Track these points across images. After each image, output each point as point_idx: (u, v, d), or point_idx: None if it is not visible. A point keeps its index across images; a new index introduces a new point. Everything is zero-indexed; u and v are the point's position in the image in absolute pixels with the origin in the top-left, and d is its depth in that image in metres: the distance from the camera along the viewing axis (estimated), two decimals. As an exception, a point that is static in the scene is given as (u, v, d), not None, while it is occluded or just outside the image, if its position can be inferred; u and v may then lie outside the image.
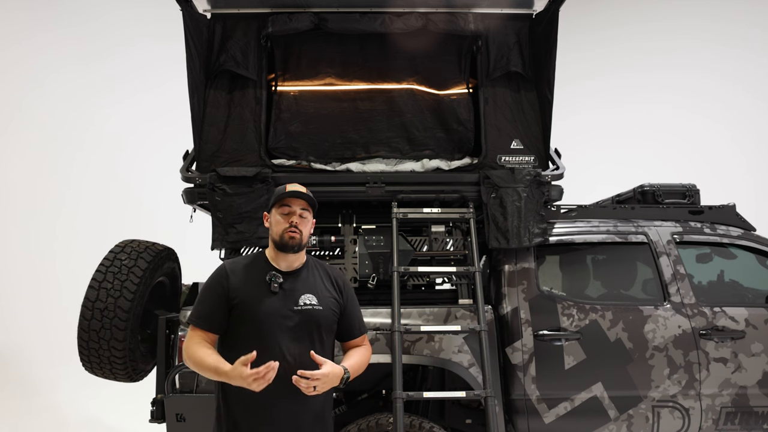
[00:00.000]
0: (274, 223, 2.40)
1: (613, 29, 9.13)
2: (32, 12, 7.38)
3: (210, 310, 2.31)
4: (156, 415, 3.24)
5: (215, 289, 2.33)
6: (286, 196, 2.40)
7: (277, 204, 2.42)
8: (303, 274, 2.43)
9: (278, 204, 2.41)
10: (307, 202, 2.44)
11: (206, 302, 2.33)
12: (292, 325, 2.28)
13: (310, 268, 2.47)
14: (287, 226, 2.36)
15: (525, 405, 3.33)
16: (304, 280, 2.41)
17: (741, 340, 3.41)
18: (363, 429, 3.13)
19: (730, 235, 3.72)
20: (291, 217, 2.38)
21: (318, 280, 2.45)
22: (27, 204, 7.17)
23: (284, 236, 2.36)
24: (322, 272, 2.51)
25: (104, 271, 3.34)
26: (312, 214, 2.48)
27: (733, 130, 8.35)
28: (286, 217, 2.39)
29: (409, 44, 3.63)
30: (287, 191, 2.42)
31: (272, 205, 2.44)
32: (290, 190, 2.42)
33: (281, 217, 2.39)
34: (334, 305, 2.43)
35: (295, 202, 2.41)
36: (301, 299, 2.35)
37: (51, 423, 6.15)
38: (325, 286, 2.45)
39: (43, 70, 7.43)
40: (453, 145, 3.66)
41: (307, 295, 2.37)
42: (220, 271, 2.39)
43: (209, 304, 2.32)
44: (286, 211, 2.40)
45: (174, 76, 4.70)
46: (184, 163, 3.59)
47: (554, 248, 3.68)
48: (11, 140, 7.11)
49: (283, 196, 2.41)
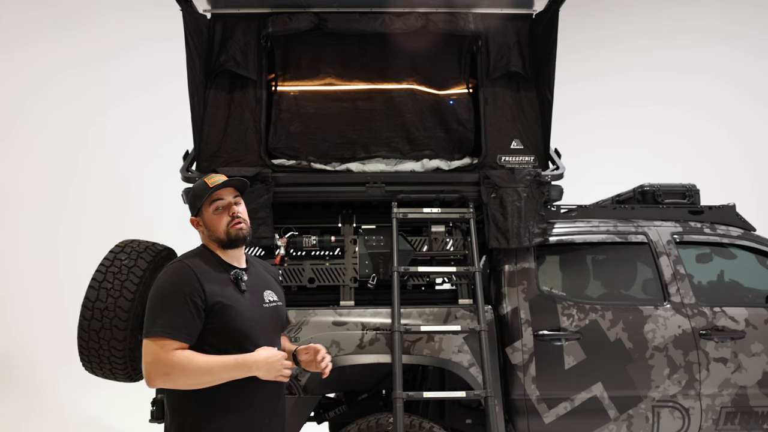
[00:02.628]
0: (211, 222, 2.20)
1: (613, 29, 9.13)
2: (32, 15, 7.38)
3: (188, 319, 2.01)
4: (156, 415, 3.24)
5: (191, 295, 2.03)
6: (215, 189, 2.19)
7: (206, 202, 2.20)
8: (252, 270, 2.29)
9: (207, 201, 2.20)
10: (236, 187, 2.26)
11: (180, 309, 2.01)
12: (265, 323, 2.20)
13: (252, 264, 2.33)
14: (230, 220, 2.19)
15: (525, 405, 3.33)
16: (257, 275, 2.29)
17: (741, 340, 3.41)
18: (363, 429, 3.13)
19: (730, 235, 3.72)
20: (228, 209, 2.20)
21: (265, 273, 2.37)
22: (29, 206, 7.16)
23: (230, 231, 2.18)
24: (262, 266, 2.41)
25: (104, 271, 3.34)
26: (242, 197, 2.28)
27: (733, 131, 8.35)
28: (223, 211, 2.20)
29: (409, 44, 3.63)
30: (213, 185, 2.19)
31: (201, 204, 2.21)
32: (216, 183, 2.20)
33: (217, 213, 2.20)
34: (283, 298, 2.38)
35: (225, 192, 2.22)
36: (264, 296, 2.25)
37: (52, 424, 6.15)
38: (273, 280, 2.39)
39: (44, 73, 7.43)
40: (453, 145, 3.66)
41: (267, 292, 2.27)
42: (187, 274, 2.08)
43: (185, 312, 2.01)
44: (221, 205, 2.20)
45: (174, 77, 4.71)
46: (185, 163, 3.59)
47: (554, 248, 3.68)
48: (14, 142, 7.11)
49: (211, 191, 2.19)
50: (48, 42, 7.50)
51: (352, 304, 3.43)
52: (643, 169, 6.88)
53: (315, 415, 3.66)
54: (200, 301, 2.03)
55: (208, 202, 2.20)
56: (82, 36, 7.83)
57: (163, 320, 2.00)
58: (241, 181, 2.27)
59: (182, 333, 2.00)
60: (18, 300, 6.91)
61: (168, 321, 2.00)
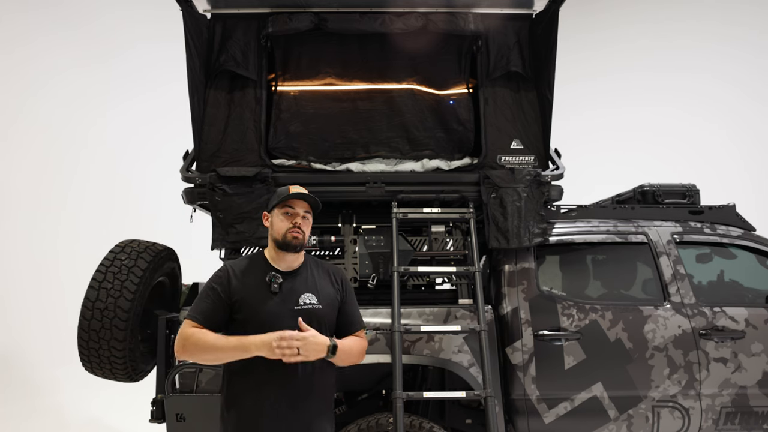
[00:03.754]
0: (276, 223, 2.42)
1: (613, 29, 9.14)
2: (32, 15, 7.38)
3: (212, 309, 2.32)
4: (156, 415, 3.24)
5: (217, 289, 2.35)
6: (291, 197, 2.42)
7: (279, 204, 2.43)
8: (302, 274, 2.45)
9: (281, 204, 2.43)
10: (310, 205, 2.47)
11: (207, 301, 2.34)
12: (292, 324, 2.28)
13: (308, 267, 2.49)
14: (290, 226, 2.39)
15: (525, 405, 3.33)
16: (303, 279, 2.43)
17: (741, 340, 3.41)
18: (363, 429, 3.13)
19: (730, 235, 3.72)
20: (294, 218, 2.41)
21: (317, 278, 2.47)
22: (29, 206, 7.17)
23: (287, 236, 2.39)
24: (321, 270, 2.52)
25: (104, 271, 3.34)
26: (312, 216, 2.50)
27: (733, 131, 8.36)
28: (289, 218, 2.41)
29: (409, 44, 3.63)
30: (292, 193, 2.44)
31: (275, 205, 2.45)
32: (295, 192, 2.44)
33: (284, 217, 2.41)
34: (333, 303, 2.45)
35: (298, 204, 2.44)
36: (301, 299, 2.37)
37: (52, 424, 6.15)
38: (324, 284, 2.47)
39: (44, 73, 7.44)
40: (453, 145, 3.66)
41: (306, 295, 2.39)
42: (222, 272, 2.41)
43: (210, 303, 2.33)
44: (289, 212, 2.42)
45: (174, 77, 4.71)
46: (184, 163, 3.59)
47: (554, 248, 3.68)
48: (14, 142, 7.12)
49: (287, 197, 2.42)
50: (48, 42, 7.51)
51: (352, 304, 3.43)
52: (643, 169, 6.88)
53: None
54: (224, 295, 2.33)
55: (281, 205, 2.43)
56: (82, 36, 7.84)
57: (194, 307, 2.35)
58: (316, 200, 2.49)
59: (200, 316, 2.30)
60: (18, 300, 6.92)
61: (194, 307, 2.35)
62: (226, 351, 2.23)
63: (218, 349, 2.23)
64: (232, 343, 2.23)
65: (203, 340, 2.24)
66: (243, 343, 2.21)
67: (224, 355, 2.25)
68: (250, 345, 2.20)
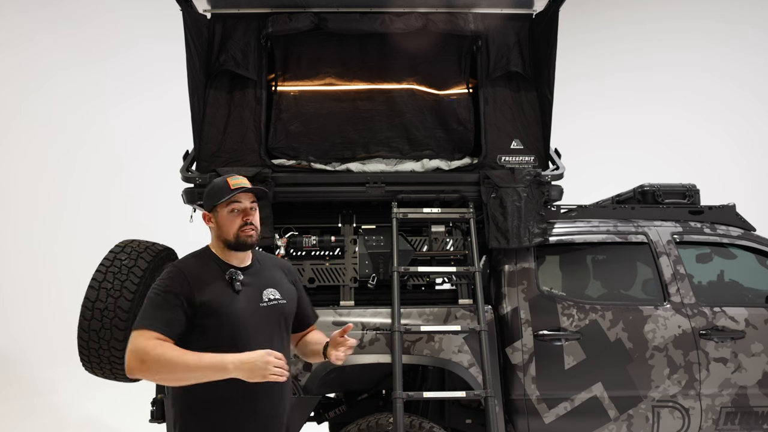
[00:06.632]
0: (224, 222, 2.20)
1: (613, 29, 9.12)
2: (32, 14, 7.38)
3: (175, 318, 2.05)
4: (156, 415, 3.24)
5: (177, 294, 2.07)
6: (236, 192, 2.19)
7: (223, 201, 2.20)
8: (257, 268, 2.29)
9: (225, 201, 2.20)
10: (256, 195, 2.27)
11: (164, 307, 2.05)
12: (260, 322, 2.17)
13: (260, 261, 2.34)
14: (241, 224, 2.19)
15: (525, 405, 3.33)
16: (261, 274, 2.29)
17: (741, 340, 3.41)
18: (363, 429, 3.13)
19: (730, 235, 3.72)
20: (243, 214, 2.20)
21: (272, 272, 2.35)
22: (28, 205, 7.17)
23: (240, 236, 2.18)
24: (272, 263, 2.40)
25: (104, 271, 3.34)
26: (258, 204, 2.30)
27: (733, 131, 8.35)
28: (237, 215, 2.20)
29: (409, 44, 3.63)
30: (234, 187, 2.19)
31: (217, 202, 2.20)
32: (237, 186, 2.20)
33: (231, 216, 2.19)
34: (293, 297, 2.35)
35: (244, 197, 2.22)
36: (264, 295, 2.23)
37: (51, 424, 6.15)
38: (280, 277, 2.35)
39: (44, 72, 7.43)
40: (453, 145, 3.66)
41: (269, 290, 2.25)
42: (174, 274, 2.13)
43: (168, 309, 2.05)
44: (236, 209, 2.20)
45: (174, 77, 4.70)
46: (184, 163, 3.59)
47: (554, 248, 3.68)
48: (12, 141, 7.12)
49: (232, 193, 2.18)
50: (47, 41, 7.51)
51: (352, 304, 3.43)
52: (643, 169, 6.88)
53: (315, 415, 3.65)
54: (185, 300, 2.07)
55: (225, 202, 2.20)
56: (81, 35, 7.83)
57: (146, 314, 2.06)
58: (262, 191, 2.30)
59: (160, 324, 2.02)
60: (17, 300, 6.92)
61: (149, 314, 2.05)
62: (198, 371, 1.95)
63: (189, 368, 1.94)
64: (206, 362, 1.95)
65: (169, 356, 1.94)
66: (221, 362, 1.95)
67: (195, 375, 1.97)
68: (228, 364, 1.94)
